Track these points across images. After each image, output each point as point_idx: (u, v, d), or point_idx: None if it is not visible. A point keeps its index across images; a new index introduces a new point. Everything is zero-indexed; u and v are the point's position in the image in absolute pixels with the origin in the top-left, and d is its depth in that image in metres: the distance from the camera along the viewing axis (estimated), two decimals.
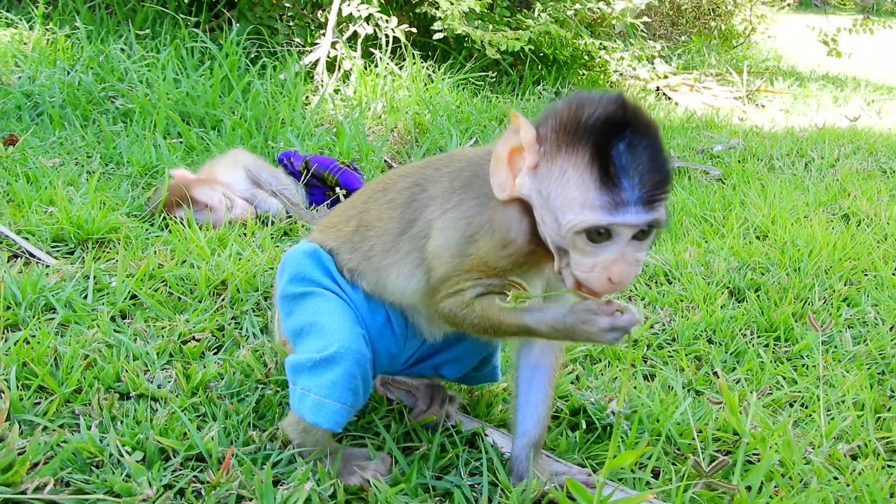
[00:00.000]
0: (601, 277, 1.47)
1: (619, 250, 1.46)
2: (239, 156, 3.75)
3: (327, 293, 1.81)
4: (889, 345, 2.69)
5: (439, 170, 1.76)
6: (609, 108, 1.44)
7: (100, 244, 3.00)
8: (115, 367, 2.14)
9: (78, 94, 4.64)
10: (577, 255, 1.48)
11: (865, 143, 5.87)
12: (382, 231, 1.78)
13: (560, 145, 1.46)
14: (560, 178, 1.46)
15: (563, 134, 1.46)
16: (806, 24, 9.12)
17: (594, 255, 1.46)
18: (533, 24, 6.59)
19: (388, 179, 1.86)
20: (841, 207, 4.15)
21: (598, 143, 1.42)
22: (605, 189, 1.41)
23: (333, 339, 1.73)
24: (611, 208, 1.41)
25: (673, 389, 2.32)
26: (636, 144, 1.42)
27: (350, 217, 1.87)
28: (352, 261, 1.84)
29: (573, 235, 1.45)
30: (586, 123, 1.43)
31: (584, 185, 1.42)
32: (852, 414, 2.23)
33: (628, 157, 1.41)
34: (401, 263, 1.75)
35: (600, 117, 1.43)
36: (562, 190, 1.45)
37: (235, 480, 1.77)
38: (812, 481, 1.94)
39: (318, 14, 6.29)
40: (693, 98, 7.67)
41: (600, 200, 1.41)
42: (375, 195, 1.84)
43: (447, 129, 5.00)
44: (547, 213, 1.49)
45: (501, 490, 1.85)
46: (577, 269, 1.49)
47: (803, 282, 3.10)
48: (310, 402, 1.75)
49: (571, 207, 1.44)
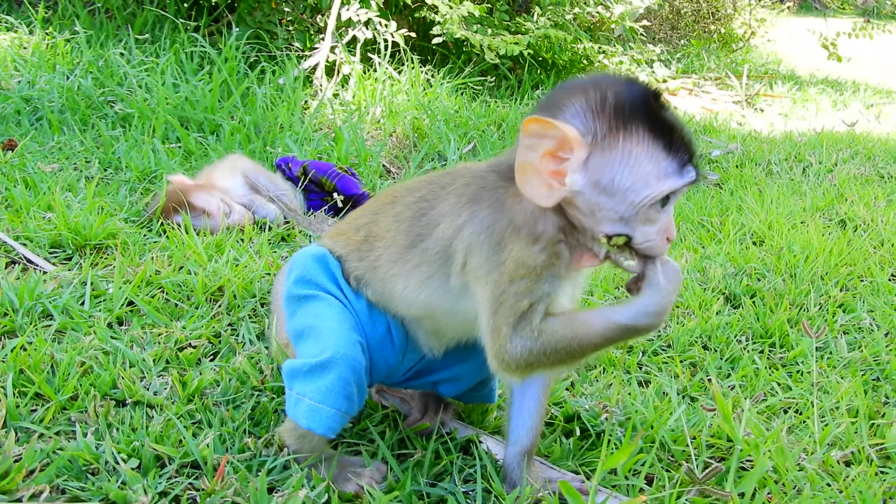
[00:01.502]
0: (661, 240, 1.56)
1: (672, 210, 1.58)
2: (237, 161, 3.76)
3: (330, 298, 1.83)
4: (884, 351, 2.70)
5: (445, 188, 1.76)
6: (638, 85, 1.54)
7: (97, 250, 3.01)
8: (112, 374, 2.15)
9: (77, 98, 4.65)
10: (646, 226, 1.54)
11: (864, 148, 5.88)
12: (390, 243, 1.80)
13: (613, 130, 1.50)
14: (626, 159, 1.49)
15: (610, 119, 1.50)
16: (806, 28, 9.12)
17: (658, 220, 1.55)
18: (532, 29, 6.60)
19: (397, 192, 1.87)
20: (838, 213, 4.15)
21: (654, 118, 1.50)
22: (671, 156, 1.49)
23: (329, 344, 1.75)
24: (678, 172, 1.50)
25: (667, 396, 2.32)
26: (667, 111, 1.54)
27: (359, 227, 1.88)
28: (358, 269, 1.86)
29: (648, 208, 1.51)
30: (626, 103, 1.50)
31: (655, 158, 1.49)
32: (846, 420, 2.24)
33: (673, 124, 1.51)
34: (409, 275, 1.77)
35: (635, 95, 1.51)
36: (631, 169, 1.49)
37: (230, 488, 1.78)
38: (805, 488, 1.94)
39: (317, 18, 6.30)
40: (692, 102, 7.69)
41: (672, 167, 1.50)
42: (384, 207, 1.86)
43: (445, 134, 5.01)
44: (608, 198, 1.52)
45: (495, 497, 1.86)
46: (647, 240, 1.55)
47: (799, 288, 3.11)
48: (304, 408, 1.76)
49: (647, 182, 1.49)
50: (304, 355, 1.80)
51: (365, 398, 1.88)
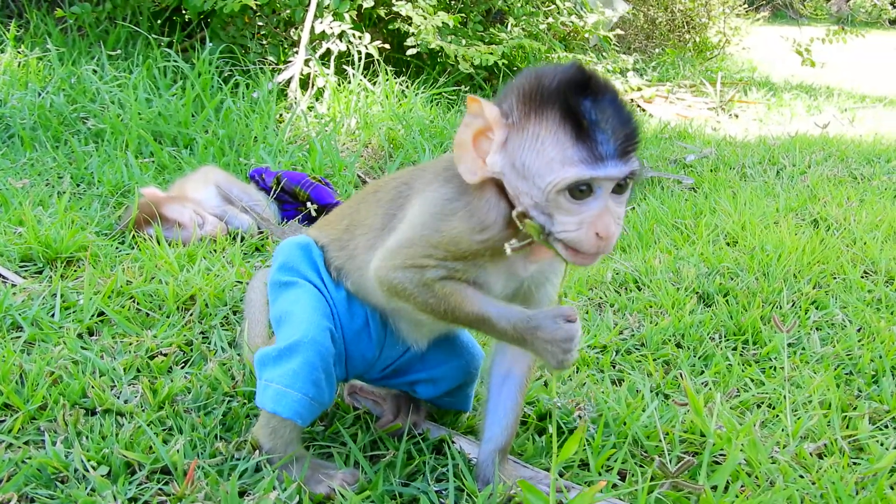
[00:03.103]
0: (589, 234, 1.50)
1: (602, 205, 1.50)
2: (210, 173, 3.75)
3: (309, 286, 1.86)
4: (856, 346, 2.71)
5: (425, 169, 1.80)
6: (568, 72, 1.50)
7: (68, 263, 2.99)
8: (81, 383, 2.14)
9: (49, 115, 4.63)
10: (561, 215, 1.50)
11: (837, 150, 5.92)
12: (367, 228, 1.82)
13: (528, 113, 1.50)
14: (534, 144, 1.49)
15: (529, 102, 1.50)
16: (780, 35, 9.20)
17: (579, 212, 1.49)
18: (506, 39, 6.62)
19: (383, 181, 1.91)
20: (810, 213, 4.17)
21: (565, 103, 1.47)
22: (582, 144, 1.45)
23: (299, 328, 1.78)
24: (590, 162, 1.45)
25: (640, 393, 2.32)
26: (601, 100, 1.48)
27: (343, 216, 1.92)
28: (338, 258, 1.88)
29: (555, 195, 1.48)
30: (549, 88, 1.48)
31: (561, 144, 1.47)
32: (818, 413, 2.25)
33: (597, 112, 1.46)
34: None
35: (562, 80, 1.48)
36: (538, 154, 1.49)
37: (201, 492, 1.77)
38: (778, 480, 1.95)
39: (290, 32, 6.30)
40: (667, 109, 7.72)
41: (579, 155, 1.45)
42: (368, 196, 1.89)
43: (420, 144, 5.01)
44: (523, 182, 1.52)
45: (468, 495, 1.86)
46: (565, 231, 1.51)
47: (772, 286, 3.12)
48: (272, 392, 1.78)
49: (551, 167, 1.47)
50: (279, 341, 1.83)
51: (335, 390, 1.89)
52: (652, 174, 4.99)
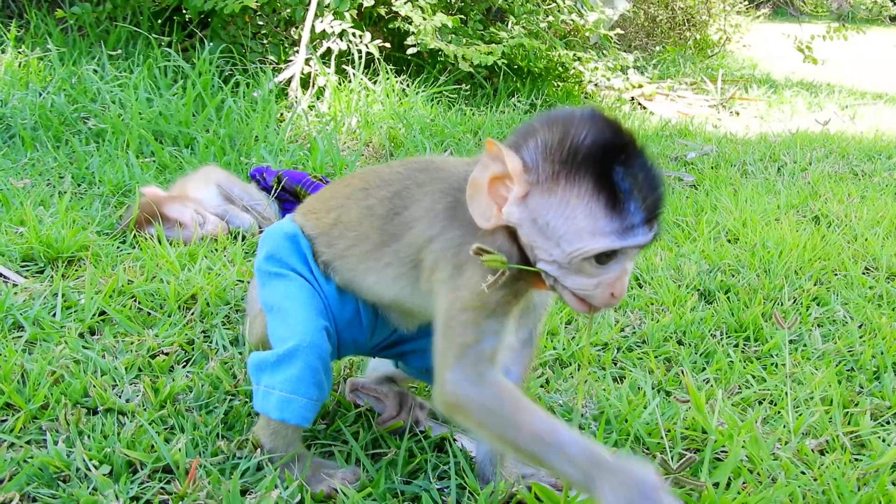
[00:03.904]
0: (604, 294, 1.47)
1: (622, 268, 1.47)
2: (211, 172, 3.75)
3: (299, 280, 1.82)
4: (858, 342, 2.71)
5: (421, 186, 1.71)
6: (601, 132, 1.41)
7: (69, 263, 2.99)
8: (83, 382, 2.14)
9: (50, 115, 4.63)
10: (580, 277, 1.46)
11: (838, 147, 5.92)
12: (362, 237, 1.77)
13: (557, 175, 1.42)
14: (562, 209, 1.42)
15: (558, 163, 1.41)
16: (781, 32, 9.19)
17: (598, 275, 1.46)
18: (506, 38, 6.62)
19: (370, 179, 1.82)
20: (811, 209, 4.18)
21: (598, 170, 1.39)
22: (614, 215, 1.39)
23: (295, 331, 1.74)
24: (621, 233, 1.40)
25: (642, 390, 2.32)
26: (632, 164, 1.41)
27: (330, 209, 1.85)
28: (326, 254, 1.84)
29: (580, 261, 1.43)
30: (580, 150, 1.40)
31: (592, 214, 1.40)
32: (820, 409, 2.24)
33: (630, 180, 1.39)
34: (380, 272, 1.75)
35: (596, 144, 1.40)
36: (565, 220, 1.42)
37: (203, 490, 1.77)
38: (780, 476, 1.95)
39: (291, 31, 6.30)
40: (668, 107, 7.72)
41: (610, 227, 1.39)
42: (356, 194, 1.82)
43: (421, 143, 5.01)
44: (544, 240, 1.46)
45: (469, 493, 1.86)
46: (580, 289, 1.48)
47: (773, 282, 3.12)
48: (275, 399, 1.76)
49: (580, 236, 1.41)
50: (272, 334, 1.81)
51: (332, 383, 1.88)
52: None
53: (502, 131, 5.69)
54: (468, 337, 1.55)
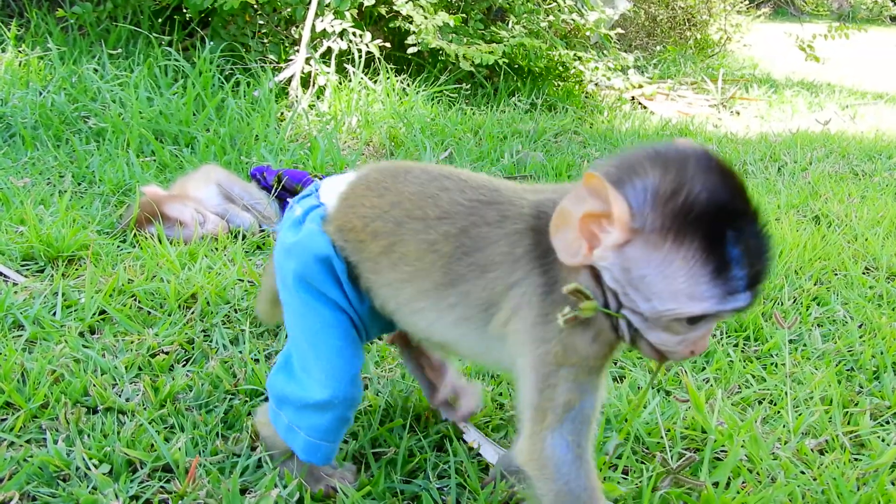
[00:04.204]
0: (685, 350, 1.42)
1: (708, 328, 1.42)
2: (211, 172, 3.75)
3: (335, 313, 1.70)
4: (857, 342, 2.71)
5: (492, 226, 1.55)
6: (713, 183, 1.30)
7: (70, 262, 2.99)
8: (83, 381, 2.14)
9: (50, 114, 4.63)
10: (665, 333, 1.40)
11: (838, 147, 5.92)
12: (422, 274, 1.60)
13: (665, 231, 1.30)
14: (663, 266, 1.31)
15: (667, 216, 1.29)
16: (783, 31, 9.18)
17: (681, 334, 1.40)
18: (507, 37, 6.62)
19: (425, 206, 1.62)
20: (812, 209, 4.18)
21: (710, 233, 1.29)
22: (718, 282, 1.30)
23: (329, 383, 1.67)
24: (721, 298, 1.31)
25: (642, 390, 2.32)
26: (745, 230, 1.31)
27: (377, 233, 1.64)
28: (369, 281, 1.68)
29: (670, 321, 1.36)
30: (695, 206, 1.28)
31: (695, 278, 1.30)
32: (819, 409, 2.25)
33: (740, 247, 1.30)
34: (442, 312, 1.61)
35: (710, 201, 1.29)
36: (664, 278, 1.31)
37: (202, 489, 1.78)
38: (779, 476, 1.95)
39: (291, 30, 6.30)
40: (668, 107, 7.71)
41: (711, 293, 1.31)
42: (411, 223, 1.62)
43: (422, 142, 5.01)
44: (634, 291, 1.35)
45: (469, 492, 1.86)
46: (661, 344, 1.41)
47: (773, 282, 3.12)
48: (301, 442, 1.73)
49: (676, 297, 1.32)
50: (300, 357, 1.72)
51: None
52: None
53: (503, 131, 5.69)
54: (569, 395, 1.48)
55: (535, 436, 1.51)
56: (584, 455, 1.51)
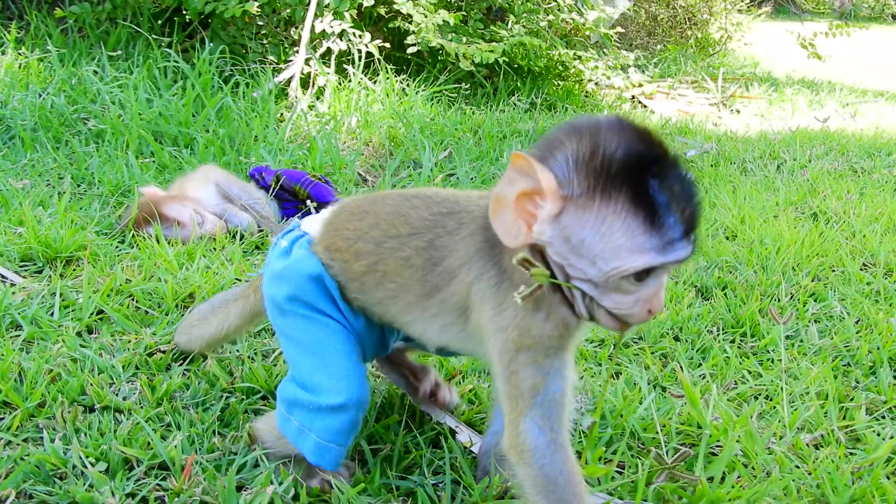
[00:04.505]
0: (643, 311, 1.45)
1: (659, 282, 1.44)
2: (209, 172, 3.76)
3: (333, 324, 1.77)
4: (854, 337, 2.71)
5: (452, 235, 1.64)
6: (627, 139, 1.36)
7: (68, 262, 3.00)
8: (80, 380, 2.15)
9: (50, 116, 4.64)
10: (618, 295, 1.43)
11: (838, 144, 5.92)
12: (404, 288, 1.70)
13: (592, 191, 1.35)
14: (598, 226, 1.36)
15: (593, 178, 1.35)
16: (785, 30, 9.18)
17: (636, 292, 1.42)
18: (506, 36, 6.62)
19: (398, 225, 1.72)
20: (810, 206, 4.18)
21: (633, 184, 1.33)
22: (653, 231, 1.34)
23: (342, 387, 1.70)
24: (660, 249, 1.35)
25: (637, 386, 2.33)
26: (667, 176, 1.36)
27: (359, 253, 1.74)
28: (360, 300, 1.78)
29: (618, 280, 1.39)
30: (613, 162, 1.34)
31: (631, 231, 1.34)
32: (815, 404, 2.25)
33: (666, 193, 1.34)
34: (428, 322, 1.71)
35: (631, 156, 1.34)
36: (602, 237, 1.36)
37: (198, 486, 1.78)
38: (774, 470, 1.96)
39: (291, 31, 6.31)
40: (668, 105, 7.72)
41: (650, 243, 1.34)
42: (389, 241, 1.71)
43: (421, 142, 5.02)
44: (578, 258, 1.40)
45: (464, 488, 1.87)
46: (617, 307, 1.44)
47: (770, 279, 3.13)
48: (312, 444, 1.74)
49: (618, 254, 1.36)
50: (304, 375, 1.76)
51: None
52: None
53: (502, 130, 5.69)
54: (533, 380, 1.52)
55: (511, 423, 1.56)
56: (559, 439, 1.54)
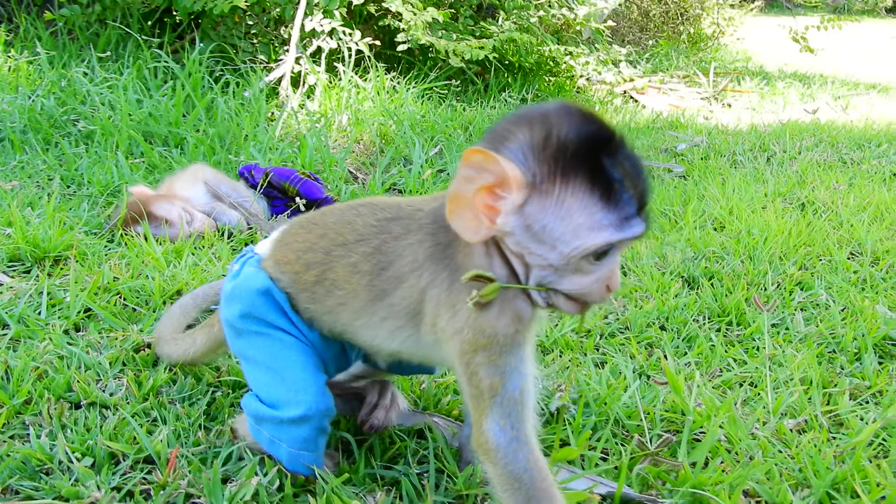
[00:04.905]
0: (601, 289, 1.48)
1: (616, 260, 1.47)
2: (199, 171, 3.77)
3: (286, 337, 1.79)
4: (839, 324, 2.73)
5: (398, 240, 1.66)
6: (576, 122, 1.39)
7: (56, 262, 3.01)
8: (66, 377, 2.15)
9: (40, 118, 4.64)
10: (577, 276, 1.45)
11: (828, 136, 5.94)
12: (352, 295, 1.71)
13: (552, 176, 1.38)
14: (559, 209, 1.39)
15: (551, 163, 1.38)
16: (777, 24, 9.20)
17: (595, 271, 1.45)
18: (496, 33, 6.63)
19: (345, 233, 1.74)
20: (798, 197, 4.19)
21: (589, 164, 1.37)
22: (611, 207, 1.38)
23: (300, 398, 1.71)
24: (618, 226, 1.39)
25: (622, 375, 2.34)
26: (617, 154, 1.39)
27: (309, 264, 1.76)
28: (310, 310, 1.79)
29: (578, 260, 1.42)
30: (572, 147, 1.37)
31: (589, 209, 1.38)
32: (799, 390, 2.26)
33: (618, 170, 1.38)
34: (377, 327, 1.71)
35: (584, 137, 1.38)
36: (562, 220, 1.39)
37: (184, 479, 1.79)
38: (757, 455, 1.97)
39: (281, 30, 6.32)
40: (660, 100, 7.73)
41: (608, 220, 1.38)
42: (336, 250, 1.73)
43: (411, 139, 5.03)
44: (538, 245, 1.43)
45: (448, 476, 1.88)
46: (576, 289, 1.47)
47: (757, 268, 3.14)
48: (285, 453, 1.76)
49: (578, 234, 1.39)
50: (264, 392, 1.78)
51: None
52: None
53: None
54: (490, 380, 1.54)
55: (475, 423, 1.58)
56: (521, 437, 1.55)
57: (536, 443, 1.58)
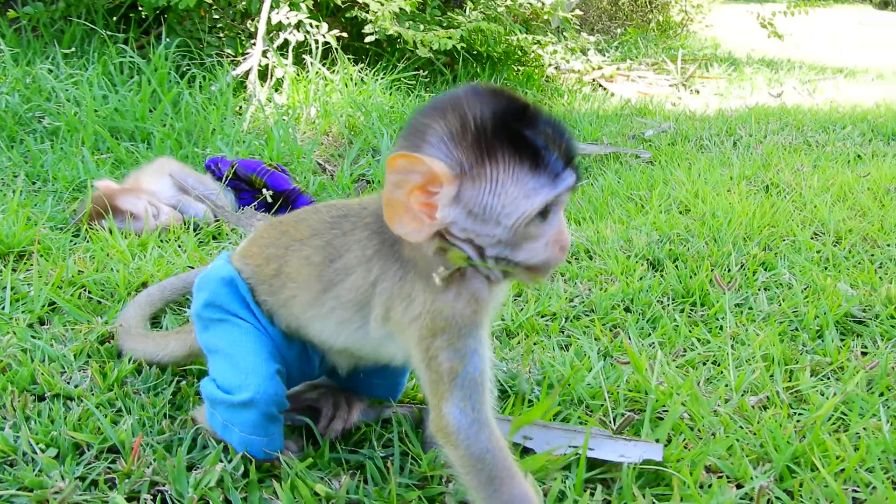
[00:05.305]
0: (555, 252, 1.50)
1: (560, 217, 1.51)
2: (164, 164, 3.76)
3: (244, 324, 1.82)
4: (802, 303, 2.76)
5: (348, 235, 1.71)
6: (489, 102, 1.42)
7: (20, 257, 2.99)
8: (30, 370, 2.14)
9: (4, 115, 4.60)
10: (529, 243, 1.48)
11: (794, 120, 5.99)
12: (303, 286, 1.75)
13: (478, 159, 1.41)
14: (492, 188, 1.42)
15: (474, 147, 1.41)
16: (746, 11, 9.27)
17: (543, 233, 1.48)
18: (464, 22, 6.64)
19: (303, 231, 1.79)
20: (763, 179, 4.23)
21: (514, 139, 1.41)
22: (539, 171, 1.42)
23: (249, 381, 1.73)
24: (550, 184, 1.43)
25: (587, 356, 2.36)
26: (536, 123, 1.43)
27: (269, 258, 1.82)
28: (269, 303, 1.83)
29: (525, 227, 1.45)
30: (490, 126, 1.40)
31: (520, 179, 1.41)
32: (761, 366, 2.29)
33: (540, 137, 1.42)
34: (325, 319, 1.75)
35: (495, 114, 1.41)
36: (498, 196, 1.42)
37: (149, 467, 1.79)
38: (719, 431, 1.99)
39: (247, 24, 6.30)
40: (628, 87, 7.77)
41: (539, 182, 1.42)
42: (294, 245, 1.79)
43: (379, 130, 5.03)
44: (483, 225, 1.46)
45: (413, 458, 1.89)
46: (533, 256, 1.50)
47: (721, 249, 3.17)
48: (237, 437, 1.78)
49: (516, 204, 1.42)
50: (220, 378, 1.80)
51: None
52: (610, 150, 5.03)
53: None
54: (450, 363, 1.55)
55: (434, 409, 1.59)
56: (481, 418, 1.57)
57: (495, 423, 1.59)
